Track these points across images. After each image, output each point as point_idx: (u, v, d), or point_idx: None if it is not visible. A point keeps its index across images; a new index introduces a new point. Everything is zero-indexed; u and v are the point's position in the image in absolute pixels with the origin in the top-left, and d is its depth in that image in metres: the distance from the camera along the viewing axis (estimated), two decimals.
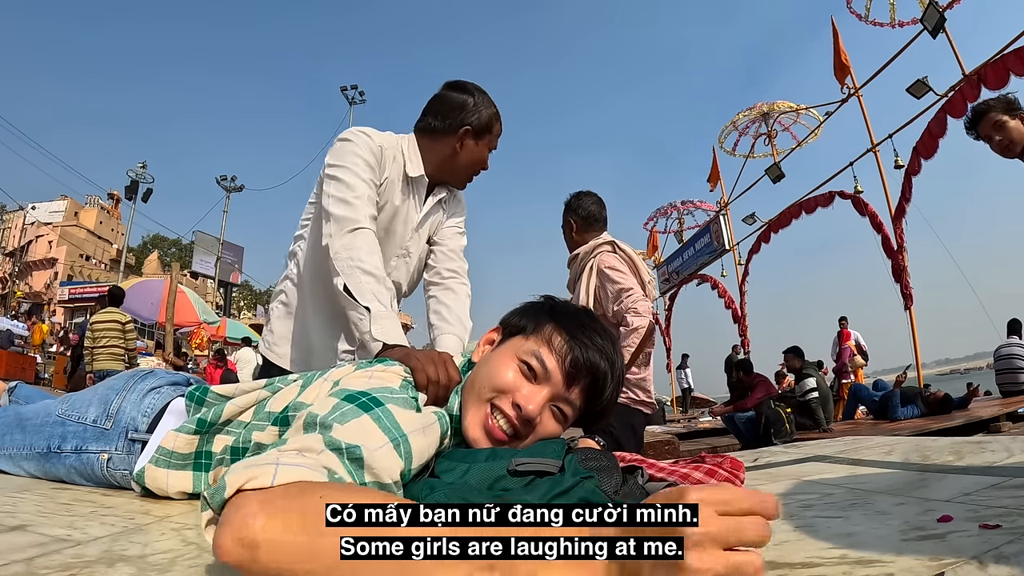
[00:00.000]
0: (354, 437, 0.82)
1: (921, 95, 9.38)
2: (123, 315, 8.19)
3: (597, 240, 3.07)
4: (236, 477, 0.68)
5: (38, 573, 0.71)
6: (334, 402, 0.89)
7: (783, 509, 1.01)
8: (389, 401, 0.93)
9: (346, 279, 1.60)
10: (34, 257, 50.99)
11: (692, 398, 19.27)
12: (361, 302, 1.56)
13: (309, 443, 0.79)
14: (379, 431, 0.87)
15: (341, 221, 1.71)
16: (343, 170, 1.80)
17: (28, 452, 1.45)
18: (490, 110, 2.03)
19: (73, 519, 1.03)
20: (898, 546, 0.72)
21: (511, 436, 1.13)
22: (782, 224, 13.32)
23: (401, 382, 1.11)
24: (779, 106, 15.20)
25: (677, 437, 3.93)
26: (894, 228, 9.90)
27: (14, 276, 46.53)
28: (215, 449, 1.24)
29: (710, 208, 18.57)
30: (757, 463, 1.77)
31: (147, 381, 1.45)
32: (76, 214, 55.94)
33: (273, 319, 2.10)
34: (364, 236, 1.70)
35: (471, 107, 2.00)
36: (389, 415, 0.90)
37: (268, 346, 2.08)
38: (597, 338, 1.20)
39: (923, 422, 6.62)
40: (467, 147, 2.02)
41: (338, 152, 1.86)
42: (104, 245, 56.04)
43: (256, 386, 1.30)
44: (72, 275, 48.78)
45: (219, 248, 38.95)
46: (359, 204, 1.75)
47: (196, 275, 40.83)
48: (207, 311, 19.40)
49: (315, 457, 0.77)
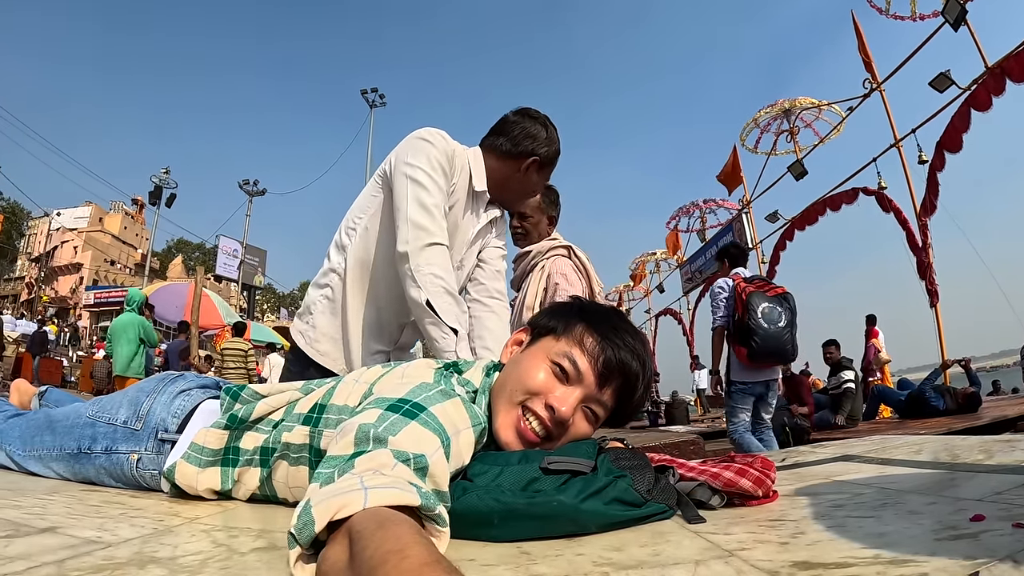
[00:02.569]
0: (413, 446, 0.82)
1: (944, 89, 9.22)
2: (245, 344, 10.70)
3: (554, 243, 3.02)
4: (323, 509, 0.67)
5: (69, 575, 0.71)
6: (378, 412, 0.88)
7: (814, 509, 1.00)
8: (430, 403, 0.94)
9: (430, 296, 1.66)
10: (60, 262, 51.80)
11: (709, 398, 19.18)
12: (447, 322, 1.63)
13: (381, 459, 0.78)
14: (431, 435, 0.87)
15: (420, 231, 1.72)
16: (423, 174, 1.80)
17: (58, 453, 1.47)
18: (557, 146, 2.09)
19: (103, 521, 1.03)
20: (931, 546, 0.71)
21: (543, 438, 1.13)
22: (807, 221, 13.13)
23: (434, 373, 1.11)
24: (801, 102, 15.04)
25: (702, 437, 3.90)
26: (919, 224, 9.76)
27: (40, 281, 47.24)
28: (246, 446, 1.26)
29: (732, 207, 18.42)
30: (785, 463, 1.75)
31: (177, 384, 1.47)
32: (101, 220, 56.81)
33: (316, 314, 2.03)
34: (443, 254, 1.73)
35: (543, 139, 2.06)
36: (434, 418, 0.91)
37: (309, 342, 2.02)
38: (628, 338, 1.19)
39: (949, 421, 6.53)
40: (530, 175, 2.07)
41: (416, 151, 1.85)
42: (128, 250, 56.83)
43: (291, 387, 1.31)
44: (97, 279, 49.53)
45: (242, 252, 39.32)
46: (437, 215, 1.77)
47: (220, 278, 41.24)
48: (231, 314, 19.57)
49: (393, 472, 0.76)
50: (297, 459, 1.19)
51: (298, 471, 1.20)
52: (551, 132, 2.07)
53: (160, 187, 35.92)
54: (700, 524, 0.97)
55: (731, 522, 0.97)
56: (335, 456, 0.82)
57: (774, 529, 0.89)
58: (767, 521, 0.95)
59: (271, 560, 0.81)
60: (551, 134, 2.07)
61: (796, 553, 0.73)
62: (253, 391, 1.32)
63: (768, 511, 1.03)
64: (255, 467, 1.25)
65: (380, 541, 0.58)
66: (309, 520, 0.66)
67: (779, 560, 0.71)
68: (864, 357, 10.94)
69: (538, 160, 2.05)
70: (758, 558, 0.73)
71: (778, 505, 1.08)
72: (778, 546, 0.78)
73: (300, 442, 1.18)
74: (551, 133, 2.07)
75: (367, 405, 0.94)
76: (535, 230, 3.08)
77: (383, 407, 0.90)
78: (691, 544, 0.85)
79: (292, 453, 1.19)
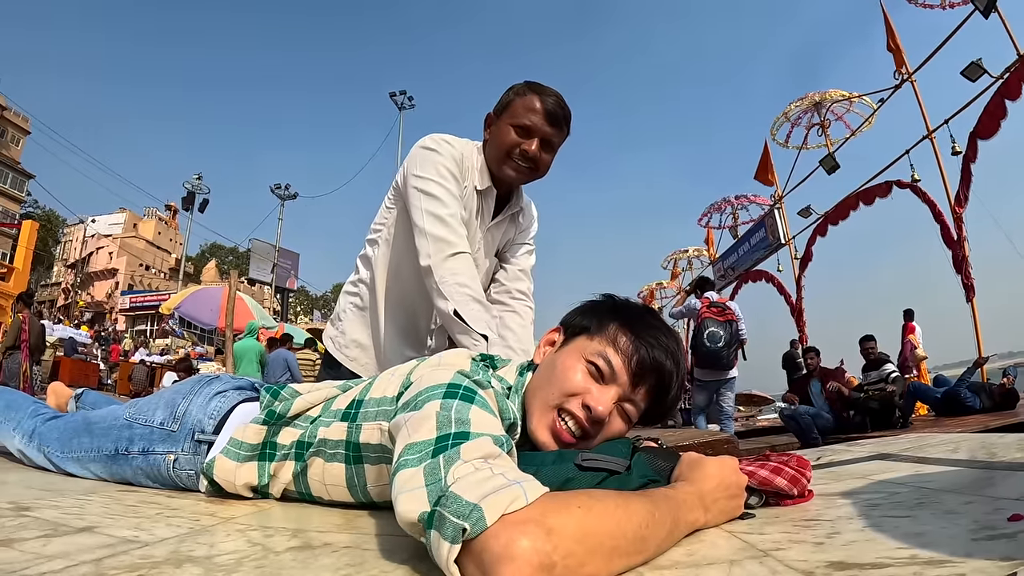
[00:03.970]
0: (492, 428, 0.86)
1: (976, 78, 9.04)
2: (314, 355, 11.49)
3: None
4: (493, 503, 0.67)
5: (107, 574, 0.73)
6: (438, 399, 0.90)
7: (850, 509, 0.99)
8: (477, 388, 0.96)
9: (457, 305, 1.63)
10: (95, 268, 52.76)
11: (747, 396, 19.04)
12: (476, 329, 1.60)
13: (487, 449, 0.79)
14: (492, 416, 0.90)
15: (440, 243, 1.70)
16: (433, 184, 1.78)
17: (96, 455, 1.50)
18: (516, 88, 1.90)
19: (140, 520, 1.05)
20: (968, 546, 0.69)
21: (579, 438, 1.13)
22: (840, 216, 12.93)
23: (471, 363, 1.12)
24: (831, 95, 14.81)
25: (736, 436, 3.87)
26: (953, 217, 9.58)
27: (76, 286, 48.21)
28: (283, 441, 1.28)
29: (764, 202, 18.23)
30: (820, 462, 1.73)
31: (213, 385, 1.49)
32: (135, 226, 57.75)
33: (345, 321, 2.10)
34: (466, 262, 1.71)
35: (503, 95, 1.91)
36: (485, 402, 0.93)
37: (339, 347, 2.08)
38: (662, 337, 1.19)
39: (985, 418, 6.41)
40: (492, 133, 1.90)
41: (423, 162, 1.83)
42: (163, 255, 57.74)
43: (329, 385, 1.33)
44: (132, 284, 50.39)
45: (275, 255, 39.81)
46: (455, 224, 1.74)
47: (253, 282, 41.81)
48: (265, 316, 19.81)
49: (508, 460, 0.80)
50: (333, 455, 1.20)
51: (333, 467, 1.21)
52: (515, 86, 1.91)
53: (193, 193, 36.61)
54: (734, 524, 0.96)
55: (766, 522, 0.96)
56: (418, 442, 0.82)
57: (809, 529, 0.88)
58: (802, 521, 0.94)
59: (306, 559, 0.82)
60: (514, 87, 1.91)
61: (832, 553, 0.73)
62: (292, 389, 1.34)
63: (803, 510, 1.02)
64: (291, 460, 1.27)
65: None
66: (480, 516, 0.66)
67: (814, 560, 0.70)
68: (900, 353, 10.73)
69: (491, 113, 1.92)
70: (793, 558, 0.72)
71: (813, 504, 1.07)
72: (813, 546, 0.77)
73: (337, 438, 1.19)
74: (514, 86, 1.91)
75: (417, 395, 0.95)
76: None
77: (439, 395, 0.91)
78: (726, 544, 0.84)
79: (328, 449, 1.21)
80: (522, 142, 1.82)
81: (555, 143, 1.88)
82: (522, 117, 1.82)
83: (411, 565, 0.79)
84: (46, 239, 51.56)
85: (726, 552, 0.79)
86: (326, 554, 0.85)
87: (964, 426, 5.84)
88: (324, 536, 0.97)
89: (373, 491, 1.20)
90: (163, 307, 22.33)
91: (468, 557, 0.66)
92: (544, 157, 1.86)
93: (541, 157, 1.85)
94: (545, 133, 1.83)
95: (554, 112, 1.82)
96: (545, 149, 1.86)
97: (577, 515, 0.69)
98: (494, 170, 1.91)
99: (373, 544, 0.92)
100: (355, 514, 1.19)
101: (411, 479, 0.76)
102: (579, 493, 0.75)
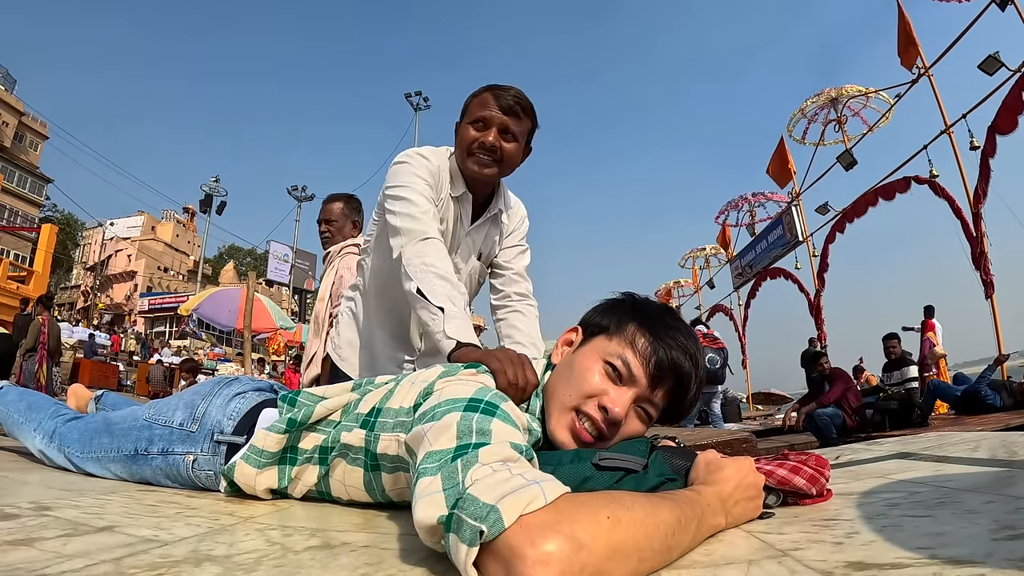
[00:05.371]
0: (514, 437, 0.86)
1: (993, 71, 8.94)
2: None
3: (348, 242, 3.29)
4: (510, 503, 0.67)
5: (126, 572, 0.73)
6: (459, 411, 0.90)
7: (869, 508, 0.98)
8: (499, 401, 0.96)
9: (419, 282, 1.57)
10: (114, 270, 53.19)
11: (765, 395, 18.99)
12: (434, 302, 1.52)
13: (506, 453, 0.80)
14: (513, 429, 0.90)
15: (410, 232, 1.71)
16: (405, 189, 1.80)
17: (116, 455, 1.51)
18: (471, 94, 1.91)
19: (159, 520, 1.06)
20: (989, 546, 0.69)
21: (597, 438, 1.14)
22: (857, 213, 12.81)
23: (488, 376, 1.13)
24: (848, 90, 14.71)
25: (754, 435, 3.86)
26: (973, 213, 9.47)
27: (96, 289, 48.67)
28: (305, 446, 1.28)
29: (782, 199, 18.13)
30: (839, 461, 1.72)
31: (232, 387, 1.50)
32: (153, 228, 58.17)
33: (341, 325, 2.21)
34: (435, 245, 1.69)
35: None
36: (507, 415, 0.92)
37: (334, 348, 2.21)
38: (680, 337, 1.19)
39: (1006, 416, 6.33)
40: (457, 137, 1.91)
41: (397, 174, 1.86)
42: (181, 257, 58.11)
43: (344, 389, 1.33)
44: (151, 286, 50.81)
45: (292, 256, 40.00)
46: (425, 218, 1.75)
47: (271, 283, 42.01)
48: (283, 317, 19.92)
49: (528, 463, 0.81)
50: (354, 460, 1.21)
51: (354, 471, 1.22)
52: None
53: (210, 195, 36.88)
54: (752, 523, 0.96)
55: (785, 521, 0.96)
56: (438, 451, 0.82)
57: (828, 528, 0.87)
58: (821, 520, 0.93)
59: (324, 559, 0.82)
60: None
61: (851, 553, 0.72)
62: (311, 394, 1.34)
63: (822, 510, 1.02)
64: (314, 464, 1.28)
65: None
66: (497, 519, 0.66)
67: (833, 560, 0.69)
68: (920, 351, 10.63)
69: (457, 122, 1.92)
70: (812, 558, 0.72)
71: (832, 504, 1.06)
72: (832, 546, 0.77)
73: (357, 444, 1.19)
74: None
75: (436, 406, 0.95)
76: (339, 234, 3.38)
77: (460, 408, 0.91)
78: (744, 544, 0.84)
79: (351, 454, 1.21)
80: (480, 135, 1.84)
81: (515, 131, 1.86)
82: (477, 112, 1.85)
83: (428, 565, 0.79)
84: (65, 242, 52.11)
85: (744, 552, 0.79)
86: (344, 553, 0.85)
87: (984, 424, 5.77)
88: (343, 535, 0.98)
89: (391, 493, 1.21)
90: (182, 308, 22.53)
91: (491, 557, 0.66)
92: (506, 147, 1.85)
93: (502, 147, 1.84)
94: (502, 122, 1.82)
95: (508, 102, 1.83)
96: (506, 139, 1.85)
97: (607, 528, 0.68)
98: (462, 170, 1.91)
99: (392, 544, 0.92)
100: (374, 514, 1.20)
101: (430, 485, 0.77)
102: (606, 499, 0.74)
